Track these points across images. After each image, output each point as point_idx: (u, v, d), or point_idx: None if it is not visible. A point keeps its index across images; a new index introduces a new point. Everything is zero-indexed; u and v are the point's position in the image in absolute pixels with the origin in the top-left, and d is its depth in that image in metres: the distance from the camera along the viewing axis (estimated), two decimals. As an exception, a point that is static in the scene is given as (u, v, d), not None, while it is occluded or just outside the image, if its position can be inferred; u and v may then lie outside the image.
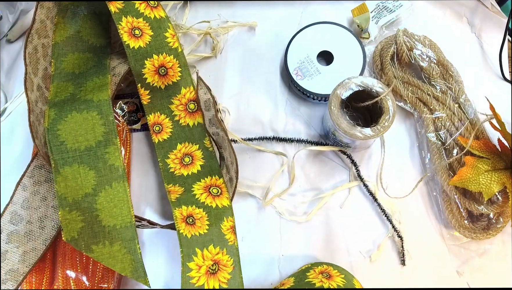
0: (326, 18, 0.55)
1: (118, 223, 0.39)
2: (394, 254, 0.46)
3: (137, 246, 0.39)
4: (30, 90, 0.42)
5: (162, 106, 0.47)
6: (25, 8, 0.57)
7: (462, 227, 0.45)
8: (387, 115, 0.42)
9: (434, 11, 0.56)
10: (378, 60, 0.51)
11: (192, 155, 0.47)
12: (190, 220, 0.41)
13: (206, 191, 0.44)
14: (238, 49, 0.55)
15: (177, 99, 0.47)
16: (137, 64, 0.44)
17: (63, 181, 0.39)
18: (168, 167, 0.46)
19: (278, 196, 0.48)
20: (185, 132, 0.47)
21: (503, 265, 0.45)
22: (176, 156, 0.47)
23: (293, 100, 0.52)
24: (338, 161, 0.50)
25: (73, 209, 0.39)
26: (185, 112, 0.48)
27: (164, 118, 0.47)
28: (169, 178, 0.46)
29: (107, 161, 0.41)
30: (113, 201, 0.40)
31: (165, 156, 0.47)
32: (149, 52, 0.45)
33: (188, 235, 0.40)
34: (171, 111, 0.47)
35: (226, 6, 0.57)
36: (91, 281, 0.42)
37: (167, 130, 0.47)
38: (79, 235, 0.39)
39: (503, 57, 0.52)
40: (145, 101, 0.47)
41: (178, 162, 0.47)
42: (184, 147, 0.47)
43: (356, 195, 0.49)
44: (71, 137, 0.41)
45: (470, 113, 0.47)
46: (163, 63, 0.45)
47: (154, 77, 0.45)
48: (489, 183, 0.42)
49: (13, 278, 0.39)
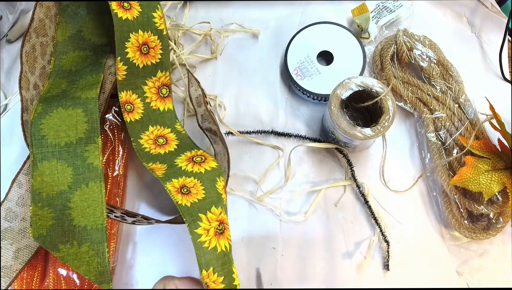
0: (326, 18, 0.55)
1: (90, 223, 0.39)
2: (393, 254, 0.46)
3: (106, 250, 0.39)
4: (25, 89, 0.42)
5: (135, 85, 0.46)
6: (25, 8, 0.57)
7: (462, 227, 0.45)
8: (387, 115, 0.42)
9: (434, 11, 0.56)
10: (378, 60, 0.51)
11: (166, 137, 0.47)
12: (185, 189, 0.40)
13: (190, 161, 0.43)
14: (238, 49, 0.55)
15: (152, 81, 0.47)
16: (122, 36, 0.44)
17: (39, 175, 0.39)
18: (142, 147, 0.45)
19: (271, 192, 0.48)
20: (156, 116, 0.47)
21: (503, 265, 0.45)
22: (149, 137, 0.46)
23: (293, 100, 0.52)
24: (336, 160, 0.50)
25: (45, 205, 0.39)
26: (157, 96, 0.47)
27: (135, 98, 0.46)
28: (147, 157, 0.45)
29: (86, 159, 0.41)
30: (88, 201, 0.40)
31: (138, 136, 0.46)
32: (135, 27, 0.44)
33: (188, 203, 0.39)
34: (143, 92, 0.47)
35: (226, 6, 0.57)
36: (82, 280, 0.42)
37: (138, 110, 0.46)
38: (47, 232, 0.38)
39: (503, 57, 0.52)
40: (120, 77, 0.45)
41: (152, 142, 0.46)
42: (156, 129, 0.47)
43: (356, 194, 0.49)
44: (52, 132, 0.41)
45: (470, 113, 0.47)
46: (147, 41, 0.45)
47: (136, 53, 0.45)
48: (489, 183, 0.42)
49: (6, 274, 0.39)
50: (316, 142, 0.49)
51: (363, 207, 0.48)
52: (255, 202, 0.48)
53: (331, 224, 0.47)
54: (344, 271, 0.46)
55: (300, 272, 0.46)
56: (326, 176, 0.49)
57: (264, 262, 0.46)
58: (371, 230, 0.47)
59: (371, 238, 0.46)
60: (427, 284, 0.45)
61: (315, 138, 0.50)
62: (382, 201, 0.48)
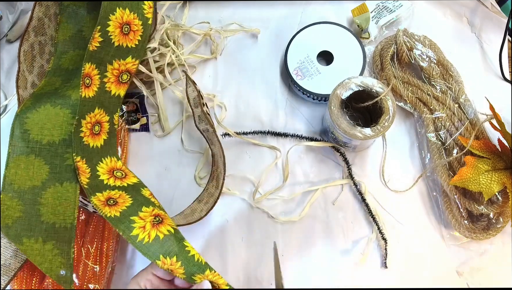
0: (326, 18, 0.55)
1: (59, 221, 0.39)
2: (393, 254, 0.46)
3: (71, 250, 0.39)
4: (23, 88, 0.42)
5: (101, 61, 0.45)
6: (25, 8, 0.57)
7: (462, 227, 0.45)
8: (387, 115, 0.42)
9: (434, 11, 0.56)
10: (378, 60, 0.51)
11: (102, 125, 0.46)
12: (111, 201, 0.40)
13: (111, 175, 0.44)
14: (238, 49, 0.55)
15: (118, 63, 0.46)
16: (109, 6, 0.43)
17: (14, 167, 0.40)
18: (80, 129, 0.43)
19: (270, 193, 0.48)
20: (105, 98, 0.46)
21: (503, 265, 0.45)
22: (91, 119, 0.45)
23: (293, 100, 0.52)
24: (335, 159, 0.50)
25: (15, 197, 0.39)
26: (115, 79, 0.47)
27: (96, 73, 0.45)
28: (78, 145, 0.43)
29: (65, 160, 0.41)
30: (60, 199, 0.40)
31: (83, 115, 0.44)
32: (124, 4, 0.44)
33: (117, 214, 0.38)
34: (104, 70, 0.46)
35: (226, 6, 0.57)
36: (81, 280, 0.42)
37: (93, 88, 0.45)
38: (13, 223, 0.39)
39: (503, 57, 0.52)
40: (92, 47, 0.44)
41: (90, 127, 0.44)
42: (99, 113, 0.46)
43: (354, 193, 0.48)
44: (36, 129, 0.41)
45: (470, 113, 0.47)
46: (130, 22, 0.45)
47: (116, 30, 0.44)
48: (489, 183, 0.42)
49: (5, 273, 0.40)
50: (312, 141, 0.49)
51: (362, 206, 0.48)
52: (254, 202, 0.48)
53: (331, 224, 0.47)
54: (344, 270, 0.46)
55: (300, 272, 0.46)
56: (326, 175, 0.49)
57: (264, 262, 0.46)
58: (370, 228, 0.47)
59: (369, 236, 0.47)
60: (427, 284, 0.45)
61: (314, 138, 0.50)
62: (382, 200, 0.48)
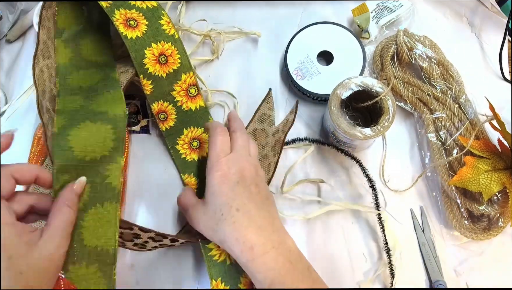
0: (326, 18, 0.55)
1: (100, 244, 0.37)
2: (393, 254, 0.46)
3: (113, 272, 0.38)
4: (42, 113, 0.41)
5: (165, 94, 0.47)
6: (25, 8, 0.57)
7: (462, 227, 0.45)
8: (387, 115, 0.42)
9: (434, 11, 0.56)
10: (378, 60, 0.51)
11: (199, 138, 0.49)
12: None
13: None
14: (238, 49, 0.55)
15: (178, 85, 0.48)
16: (137, 55, 0.44)
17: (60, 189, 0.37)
18: (179, 153, 0.49)
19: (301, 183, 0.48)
20: (189, 117, 0.49)
21: (503, 265, 0.45)
22: (184, 141, 0.49)
23: (293, 100, 0.52)
24: (338, 161, 0.49)
25: None
26: (187, 98, 0.49)
27: (167, 105, 0.48)
28: (183, 165, 0.49)
29: (105, 178, 0.39)
30: (101, 221, 0.38)
31: (174, 142, 0.49)
32: (147, 42, 0.44)
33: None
34: (173, 98, 0.48)
35: (226, 6, 0.57)
36: None
37: (171, 117, 0.49)
38: None
39: (503, 57, 0.52)
40: (148, 91, 0.46)
41: (187, 147, 0.49)
42: (190, 131, 0.49)
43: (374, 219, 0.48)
44: (80, 145, 0.39)
45: (470, 113, 0.47)
46: (163, 51, 0.45)
47: (155, 66, 0.45)
48: (489, 183, 0.42)
49: None
50: (315, 143, 0.50)
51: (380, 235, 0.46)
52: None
53: (331, 223, 0.47)
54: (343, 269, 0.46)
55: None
56: (327, 175, 0.49)
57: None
58: (370, 229, 0.47)
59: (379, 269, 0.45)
60: (427, 284, 0.45)
61: (315, 139, 0.50)
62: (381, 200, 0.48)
